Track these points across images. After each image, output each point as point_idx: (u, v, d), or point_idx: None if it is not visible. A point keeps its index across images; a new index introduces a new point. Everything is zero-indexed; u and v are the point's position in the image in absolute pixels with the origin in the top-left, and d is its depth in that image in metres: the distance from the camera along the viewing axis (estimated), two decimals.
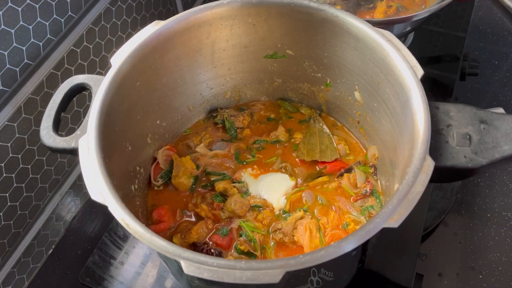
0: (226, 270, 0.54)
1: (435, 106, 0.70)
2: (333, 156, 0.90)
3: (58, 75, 0.98)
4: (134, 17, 1.18)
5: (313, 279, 0.63)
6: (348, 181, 0.86)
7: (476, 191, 1.05)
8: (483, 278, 0.93)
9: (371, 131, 0.88)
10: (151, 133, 0.88)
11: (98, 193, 0.63)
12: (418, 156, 0.62)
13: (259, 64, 0.95)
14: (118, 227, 0.93)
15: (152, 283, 0.86)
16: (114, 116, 0.74)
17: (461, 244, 0.98)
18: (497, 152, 0.66)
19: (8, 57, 0.86)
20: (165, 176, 0.89)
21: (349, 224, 0.81)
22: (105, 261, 0.89)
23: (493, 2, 1.44)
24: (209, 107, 1.00)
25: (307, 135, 0.95)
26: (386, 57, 0.74)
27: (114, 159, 0.72)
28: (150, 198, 0.88)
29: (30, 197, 1.00)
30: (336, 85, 0.91)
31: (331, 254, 0.55)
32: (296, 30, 0.87)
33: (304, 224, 0.80)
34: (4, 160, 0.91)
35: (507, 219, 1.00)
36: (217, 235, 0.81)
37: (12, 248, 0.99)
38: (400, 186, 0.60)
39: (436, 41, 1.27)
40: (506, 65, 1.30)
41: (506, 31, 1.37)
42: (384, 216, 0.57)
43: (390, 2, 1.15)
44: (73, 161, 1.10)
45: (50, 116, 0.75)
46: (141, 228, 0.59)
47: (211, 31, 0.87)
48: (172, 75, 0.88)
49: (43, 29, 0.92)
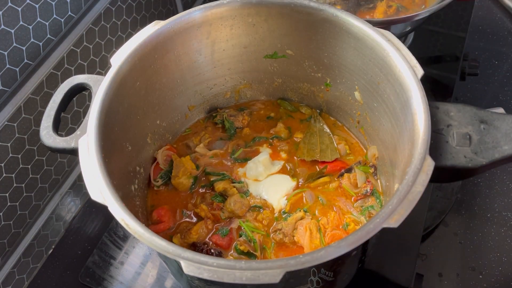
0: (226, 270, 0.54)
1: (435, 106, 0.70)
2: (333, 156, 0.90)
3: (58, 75, 0.98)
4: (134, 17, 1.18)
5: (313, 279, 0.63)
6: (348, 181, 0.86)
7: (476, 191, 1.05)
8: (483, 278, 0.93)
9: (371, 131, 0.88)
10: (151, 133, 0.88)
11: (98, 193, 0.63)
12: (418, 156, 0.62)
13: (259, 64, 0.95)
14: (118, 227, 0.93)
15: (152, 283, 0.86)
16: (114, 116, 0.74)
17: (461, 244, 0.98)
18: (497, 152, 0.66)
19: (8, 57, 0.86)
20: (165, 176, 0.89)
21: (349, 224, 0.81)
22: (105, 261, 0.89)
23: (493, 2, 1.44)
24: (209, 107, 1.00)
25: (308, 135, 0.95)
26: (386, 57, 0.74)
27: (114, 159, 0.72)
28: (149, 199, 0.88)
29: (30, 197, 1.00)
30: (336, 85, 0.91)
31: (331, 254, 0.55)
32: (296, 30, 0.87)
33: (304, 225, 0.80)
34: (4, 160, 0.91)
35: (507, 219, 1.00)
36: (217, 235, 0.81)
37: (12, 248, 0.99)
38: (400, 186, 0.60)
39: (436, 41, 1.27)
40: (506, 65, 1.30)
41: (506, 31, 1.37)
42: (384, 216, 0.57)
43: (390, 2, 1.15)
44: (73, 161, 1.10)
45: (50, 116, 0.75)
46: (141, 228, 0.59)
47: (211, 31, 0.87)
48: (172, 75, 0.88)
49: (43, 29, 0.92)
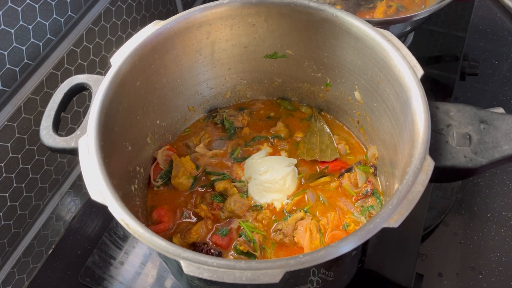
0: (226, 270, 0.54)
1: (435, 106, 0.70)
2: (333, 156, 0.90)
3: (58, 75, 0.98)
4: (134, 17, 1.18)
5: (313, 279, 0.63)
6: (349, 181, 0.86)
7: (476, 191, 1.05)
8: (483, 278, 0.93)
9: (371, 131, 0.88)
10: (151, 133, 0.88)
11: (98, 193, 0.63)
12: (418, 156, 0.62)
13: (259, 64, 0.95)
14: (118, 227, 0.93)
15: (152, 283, 0.86)
16: (114, 116, 0.74)
17: (461, 244, 0.98)
18: (497, 152, 0.66)
19: (8, 57, 0.86)
20: (165, 176, 0.89)
21: (349, 224, 0.81)
22: (105, 261, 0.89)
23: (493, 2, 1.44)
24: (209, 107, 1.00)
25: (308, 134, 0.95)
26: (386, 57, 0.74)
27: (114, 159, 0.72)
28: (149, 199, 0.88)
29: (30, 197, 1.00)
30: (336, 85, 0.91)
31: (331, 254, 0.55)
32: (296, 30, 0.86)
33: (304, 225, 0.80)
34: (4, 160, 0.91)
35: (507, 219, 1.00)
36: (217, 235, 0.81)
37: (12, 248, 0.99)
38: (400, 186, 0.60)
39: (436, 41, 1.27)
40: (506, 65, 1.30)
41: (506, 31, 1.37)
42: (384, 216, 0.57)
43: (390, 2, 1.15)
44: (73, 161, 1.10)
45: (50, 116, 0.75)
46: (141, 228, 0.59)
47: (211, 31, 0.87)
48: (172, 75, 0.88)
49: (43, 29, 0.92)
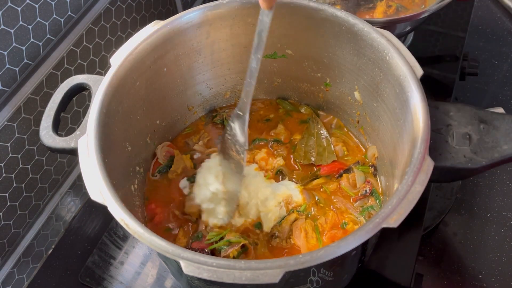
0: (225, 270, 0.54)
1: (435, 106, 0.70)
2: (330, 158, 0.90)
3: (57, 75, 0.98)
4: (134, 17, 1.18)
5: (313, 279, 0.63)
6: (347, 182, 0.86)
7: (476, 191, 1.05)
8: (483, 278, 0.93)
9: (371, 131, 0.88)
10: (151, 133, 0.88)
11: (97, 193, 0.63)
12: (418, 156, 0.62)
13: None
14: (118, 227, 0.93)
15: (152, 283, 0.86)
16: (114, 116, 0.74)
17: (461, 244, 0.98)
18: (497, 152, 0.66)
19: (7, 57, 0.86)
20: (163, 171, 0.90)
21: (348, 223, 0.81)
22: (105, 261, 0.89)
23: (493, 2, 1.44)
24: (208, 106, 1.00)
25: (305, 137, 0.94)
26: (386, 57, 0.74)
27: (114, 159, 0.72)
28: (146, 190, 0.88)
29: (30, 197, 1.00)
30: (336, 85, 0.91)
31: (331, 254, 0.55)
32: (295, 30, 0.86)
33: (299, 226, 0.80)
34: (4, 160, 0.91)
35: (507, 219, 1.00)
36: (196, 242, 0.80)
37: (12, 248, 0.99)
38: (400, 186, 0.60)
39: (436, 41, 1.26)
40: (506, 65, 1.30)
41: (506, 31, 1.37)
42: (384, 216, 0.57)
43: (390, 2, 1.15)
44: (73, 161, 1.10)
45: (50, 116, 0.75)
46: (141, 228, 0.59)
47: (211, 31, 0.86)
48: (172, 75, 0.88)
49: (42, 29, 0.92)
